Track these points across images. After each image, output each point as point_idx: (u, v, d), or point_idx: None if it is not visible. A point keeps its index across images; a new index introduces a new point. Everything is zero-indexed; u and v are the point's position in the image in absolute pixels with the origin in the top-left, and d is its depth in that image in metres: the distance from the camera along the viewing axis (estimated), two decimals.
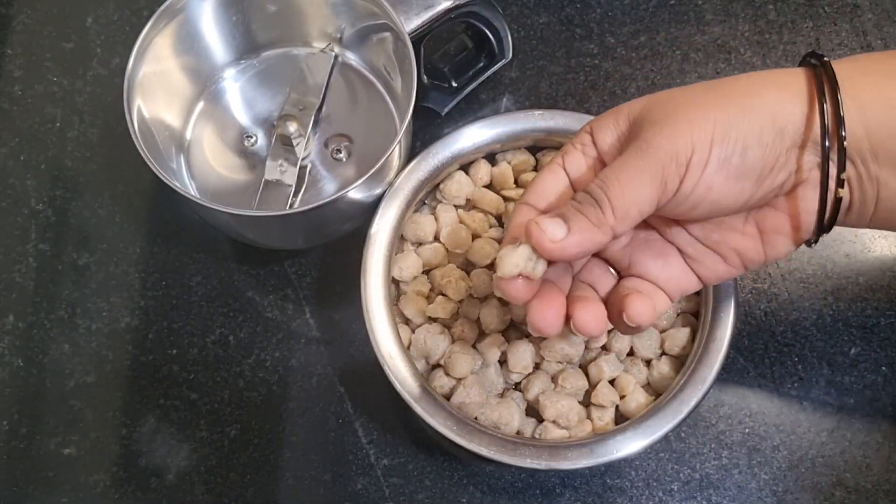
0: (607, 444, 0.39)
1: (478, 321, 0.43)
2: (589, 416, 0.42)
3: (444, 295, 0.43)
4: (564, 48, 0.53)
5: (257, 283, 0.48)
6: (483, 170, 0.46)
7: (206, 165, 0.47)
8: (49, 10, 0.54)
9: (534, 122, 0.45)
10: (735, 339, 0.41)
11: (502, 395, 0.43)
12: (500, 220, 0.46)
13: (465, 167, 0.46)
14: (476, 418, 0.41)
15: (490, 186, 0.46)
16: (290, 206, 0.45)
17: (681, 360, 0.42)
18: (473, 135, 0.45)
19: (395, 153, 0.42)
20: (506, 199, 0.46)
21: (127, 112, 0.42)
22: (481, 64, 0.50)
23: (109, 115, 0.52)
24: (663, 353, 0.43)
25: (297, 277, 0.48)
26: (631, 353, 0.43)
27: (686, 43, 0.53)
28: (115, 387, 0.46)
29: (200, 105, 0.49)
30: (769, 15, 0.54)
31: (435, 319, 0.43)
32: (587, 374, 0.43)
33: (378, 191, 0.43)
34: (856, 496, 0.44)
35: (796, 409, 0.45)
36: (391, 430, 0.45)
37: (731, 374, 0.46)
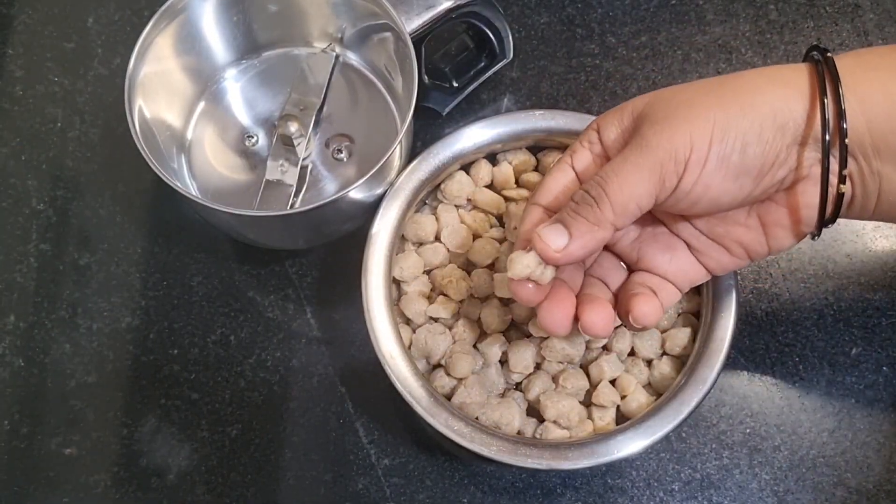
0: (608, 444, 0.39)
1: (479, 321, 0.43)
2: (590, 417, 0.42)
3: (445, 295, 0.43)
4: (565, 48, 0.53)
5: (258, 283, 0.48)
6: (484, 170, 0.46)
7: (207, 165, 0.48)
8: (50, 10, 0.54)
9: (535, 122, 0.45)
10: (736, 339, 0.41)
11: (503, 395, 0.43)
12: (501, 220, 0.46)
13: (466, 167, 0.46)
14: (477, 418, 0.41)
15: (491, 186, 0.46)
16: (291, 206, 0.45)
17: (682, 360, 0.42)
18: (474, 135, 0.45)
19: (396, 153, 0.42)
20: (507, 199, 0.46)
21: (128, 112, 0.42)
22: (482, 64, 0.50)
23: (110, 115, 0.52)
24: (664, 354, 0.43)
25: (297, 277, 0.48)
26: (632, 354, 0.43)
27: (687, 43, 0.53)
28: (116, 387, 0.46)
29: (201, 105, 0.49)
30: (770, 15, 0.54)
31: (436, 319, 0.43)
32: (588, 375, 0.43)
33: (379, 191, 0.43)
34: (857, 496, 0.44)
35: (797, 410, 0.45)
36: (392, 430, 0.45)
37: (732, 374, 0.46)
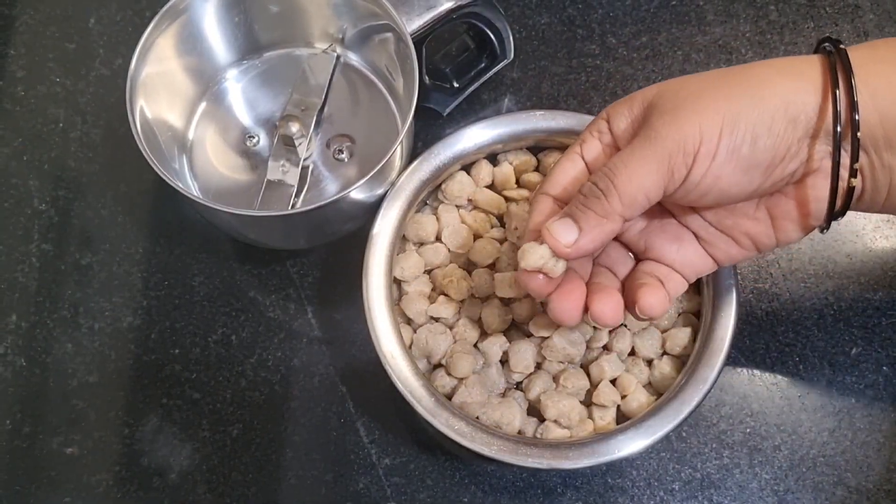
0: (609, 443, 0.39)
1: (479, 321, 0.43)
2: (590, 416, 0.42)
3: (446, 295, 0.44)
4: (566, 49, 0.53)
5: (259, 282, 0.48)
6: (485, 170, 0.46)
7: (208, 166, 0.48)
8: (52, 10, 0.55)
9: (535, 123, 0.45)
10: (736, 339, 0.41)
11: (504, 394, 0.43)
12: (502, 221, 0.46)
13: (467, 167, 0.46)
14: (478, 418, 0.41)
15: (492, 187, 0.47)
16: (292, 207, 0.45)
17: (682, 359, 0.42)
18: (475, 135, 0.45)
19: (397, 153, 0.42)
20: (507, 199, 0.46)
21: (129, 112, 0.42)
22: (483, 64, 0.50)
23: (112, 115, 0.52)
24: (664, 353, 0.43)
25: (298, 277, 0.48)
26: (632, 353, 0.43)
27: (687, 43, 0.53)
28: (117, 386, 0.46)
29: (203, 105, 0.49)
30: (770, 15, 0.54)
31: (437, 319, 0.43)
32: (588, 374, 0.43)
33: (380, 191, 0.43)
34: (857, 496, 0.44)
35: (797, 409, 0.45)
36: (393, 430, 0.45)
37: (733, 373, 0.46)
